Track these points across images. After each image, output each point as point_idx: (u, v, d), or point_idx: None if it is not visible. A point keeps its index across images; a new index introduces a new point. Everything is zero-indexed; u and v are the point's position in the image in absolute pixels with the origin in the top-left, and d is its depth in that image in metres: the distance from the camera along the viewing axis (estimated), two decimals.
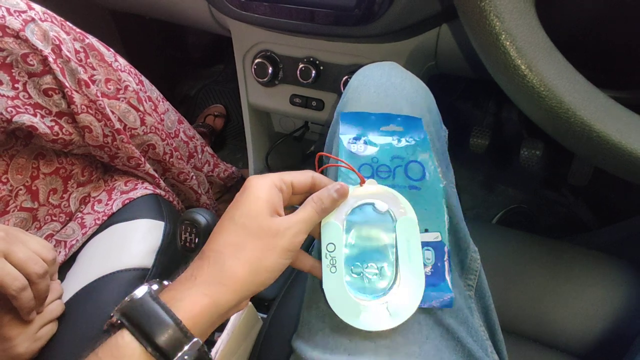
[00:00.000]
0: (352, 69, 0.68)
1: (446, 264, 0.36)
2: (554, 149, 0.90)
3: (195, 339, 0.28)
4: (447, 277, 0.36)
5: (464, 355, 0.37)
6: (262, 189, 0.32)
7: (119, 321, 0.29)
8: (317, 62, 0.71)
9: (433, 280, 0.36)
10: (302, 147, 1.00)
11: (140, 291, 0.30)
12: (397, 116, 0.41)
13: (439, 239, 0.37)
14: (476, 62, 0.63)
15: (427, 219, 0.37)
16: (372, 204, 0.36)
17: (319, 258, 0.35)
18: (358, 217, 0.36)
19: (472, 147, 0.94)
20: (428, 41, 0.64)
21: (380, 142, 0.40)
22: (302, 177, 0.34)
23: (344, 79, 0.68)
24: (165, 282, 0.32)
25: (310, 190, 0.35)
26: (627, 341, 0.47)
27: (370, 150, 0.39)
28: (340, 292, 0.34)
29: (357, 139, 0.40)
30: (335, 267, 0.34)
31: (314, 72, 0.70)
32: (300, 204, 0.35)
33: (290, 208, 0.35)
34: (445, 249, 0.37)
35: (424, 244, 0.37)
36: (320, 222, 0.35)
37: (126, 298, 0.29)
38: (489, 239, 0.59)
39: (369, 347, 0.34)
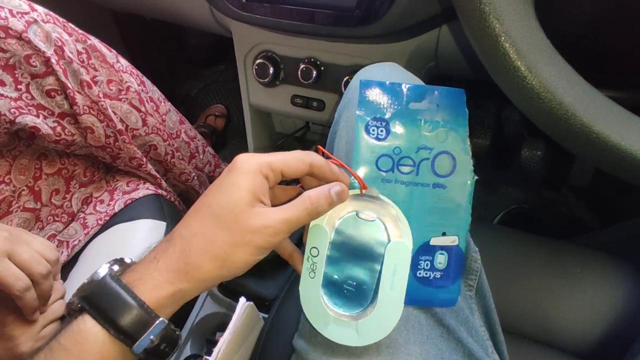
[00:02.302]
0: (353, 70, 0.68)
1: (457, 267, 0.34)
2: (555, 149, 0.90)
3: (160, 319, 0.28)
4: (457, 281, 0.34)
5: (465, 355, 0.38)
6: (246, 176, 0.29)
7: (79, 305, 0.28)
8: (318, 62, 0.71)
9: (441, 282, 0.34)
10: (303, 147, 1.00)
11: (102, 271, 0.29)
12: (434, 89, 0.34)
13: (456, 243, 0.34)
14: (476, 63, 0.63)
15: (447, 221, 0.34)
16: (366, 214, 0.33)
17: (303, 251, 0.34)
18: (350, 227, 0.33)
19: (472, 147, 0.94)
20: (428, 42, 0.64)
21: (407, 126, 0.33)
22: (295, 164, 0.31)
23: (345, 79, 0.68)
24: (127, 260, 0.31)
25: (308, 174, 0.32)
26: (628, 341, 0.47)
27: (393, 137, 0.33)
28: (314, 298, 0.33)
29: (377, 120, 0.33)
30: (314, 272, 0.33)
31: (314, 72, 0.70)
32: (294, 182, 0.33)
33: (285, 182, 0.33)
34: (459, 252, 0.34)
35: (439, 248, 0.34)
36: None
37: (85, 279, 0.28)
38: (490, 239, 0.59)
39: (370, 347, 0.34)
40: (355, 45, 0.67)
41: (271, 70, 0.73)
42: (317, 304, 0.33)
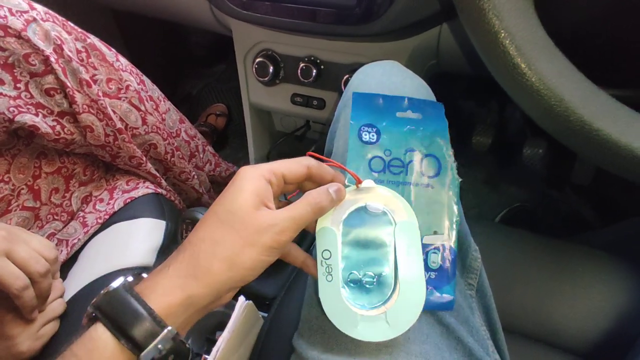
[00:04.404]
0: (353, 68, 0.68)
1: (452, 267, 0.35)
2: (557, 147, 0.89)
3: (169, 328, 0.28)
4: (452, 282, 0.35)
5: (465, 354, 0.37)
6: (249, 180, 0.30)
7: (93, 314, 0.28)
8: (318, 61, 0.71)
9: (436, 283, 0.35)
10: (303, 146, 1.00)
11: (116, 283, 0.29)
12: (417, 100, 0.38)
13: (448, 242, 0.35)
14: (477, 61, 0.63)
15: (437, 220, 0.35)
16: (373, 206, 0.34)
17: (315, 256, 0.34)
18: (355, 221, 0.34)
19: (474, 146, 0.94)
20: (429, 40, 0.63)
21: (395, 132, 0.36)
22: (295, 167, 0.32)
23: (345, 77, 0.68)
24: (144, 275, 0.31)
25: (307, 179, 0.33)
26: (630, 341, 0.47)
27: (383, 141, 0.36)
28: (336, 301, 0.32)
29: (369, 126, 0.36)
30: (331, 275, 0.32)
31: (314, 71, 0.70)
32: (296, 192, 0.34)
33: (283, 198, 0.34)
34: (452, 252, 0.35)
35: (431, 247, 0.35)
36: (316, 222, 0.34)
37: (102, 291, 0.29)
38: (491, 238, 0.59)
39: (370, 346, 0.34)
40: (356, 43, 0.67)
41: (271, 69, 0.73)
42: (340, 306, 0.32)
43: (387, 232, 0.34)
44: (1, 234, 0.41)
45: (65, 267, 0.56)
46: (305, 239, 0.64)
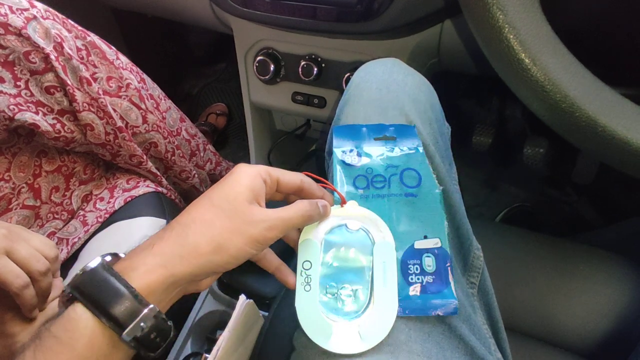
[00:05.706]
0: (354, 66, 0.67)
1: (449, 269, 0.36)
2: (558, 146, 0.90)
3: (151, 306, 0.27)
4: (451, 283, 0.35)
5: (467, 353, 0.37)
6: (246, 175, 0.32)
7: (71, 295, 0.27)
8: (319, 59, 0.71)
9: (436, 287, 0.35)
10: (304, 145, 1.00)
11: (94, 263, 0.28)
12: (390, 126, 0.41)
13: (439, 244, 0.36)
14: (480, 58, 0.63)
15: (425, 226, 0.37)
16: (352, 223, 0.36)
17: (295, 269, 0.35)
18: (337, 237, 0.36)
19: (475, 145, 0.94)
20: (431, 37, 0.63)
21: (374, 152, 0.40)
22: (290, 176, 0.34)
23: (346, 76, 0.68)
24: (122, 255, 0.31)
25: (297, 193, 0.35)
26: (632, 340, 0.47)
27: (365, 161, 0.39)
28: (312, 311, 0.33)
29: (350, 151, 0.40)
30: (309, 285, 0.34)
31: (315, 69, 0.70)
32: (283, 202, 0.35)
33: (270, 205, 0.35)
34: (446, 254, 0.36)
35: (424, 251, 0.36)
36: (298, 238, 0.35)
37: (78, 271, 0.28)
38: (492, 237, 0.59)
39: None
40: (357, 41, 0.66)
41: (272, 67, 0.73)
42: (315, 317, 0.33)
43: (366, 250, 0.36)
44: (2, 233, 0.41)
45: (66, 266, 0.56)
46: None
